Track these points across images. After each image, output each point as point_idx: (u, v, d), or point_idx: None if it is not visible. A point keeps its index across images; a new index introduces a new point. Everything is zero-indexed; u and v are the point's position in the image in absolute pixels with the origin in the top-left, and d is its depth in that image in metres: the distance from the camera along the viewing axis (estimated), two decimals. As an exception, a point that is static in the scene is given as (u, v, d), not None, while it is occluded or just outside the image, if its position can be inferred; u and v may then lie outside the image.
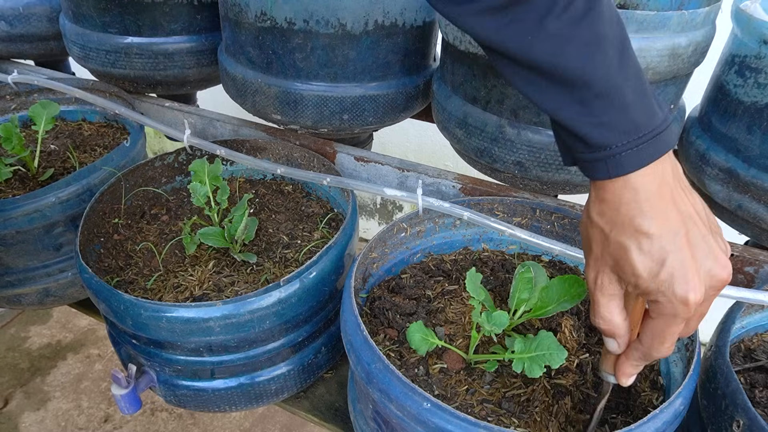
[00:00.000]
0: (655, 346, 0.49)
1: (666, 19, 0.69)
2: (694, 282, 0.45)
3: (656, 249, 0.45)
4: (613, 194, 0.47)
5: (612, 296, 0.49)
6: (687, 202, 0.47)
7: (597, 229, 0.48)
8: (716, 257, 0.46)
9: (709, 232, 0.47)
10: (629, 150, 0.45)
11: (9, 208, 0.88)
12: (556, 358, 0.59)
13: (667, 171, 0.47)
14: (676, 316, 0.46)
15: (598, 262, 0.49)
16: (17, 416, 1.79)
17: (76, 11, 1.12)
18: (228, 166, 1.08)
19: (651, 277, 0.45)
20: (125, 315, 0.70)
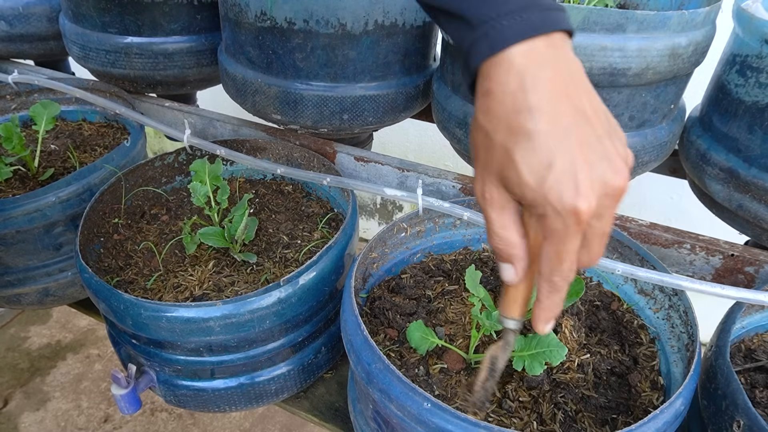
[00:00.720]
0: (555, 269, 0.42)
1: (666, 18, 0.69)
2: (584, 188, 0.39)
3: (542, 151, 0.40)
4: (497, 82, 0.41)
5: (503, 208, 0.43)
6: (583, 98, 0.42)
7: (482, 132, 0.43)
8: (611, 161, 0.41)
9: (606, 133, 0.42)
10: (511, 19, 0.41)
11: (9, 207, 0.87)
12: (557, 355, 0.59)
13: (561, 60, 0.42)
14: (567, 230, 0.40)
15: (485, 171, 0.43)
16: (17, 416, 1.79)
17: (76, 11, 1.12)
18: (228, 166, 1.08)
19: (538, 184, 0.40)
20: (125, 315, 0.70)
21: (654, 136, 0.82)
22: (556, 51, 0.42)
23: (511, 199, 0.43)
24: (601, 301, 0.79)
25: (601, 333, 0.74)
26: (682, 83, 0.82)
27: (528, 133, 0.40)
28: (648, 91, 0.77)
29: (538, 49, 0.41)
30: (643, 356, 0.71)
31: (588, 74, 0.73)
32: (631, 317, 0.77)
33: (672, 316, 0.72)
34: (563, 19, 0.42)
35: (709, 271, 0.82)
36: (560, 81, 0.41)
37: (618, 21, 0.69)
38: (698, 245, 0.80)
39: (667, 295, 0.73)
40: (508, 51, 0.41)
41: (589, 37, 0.70)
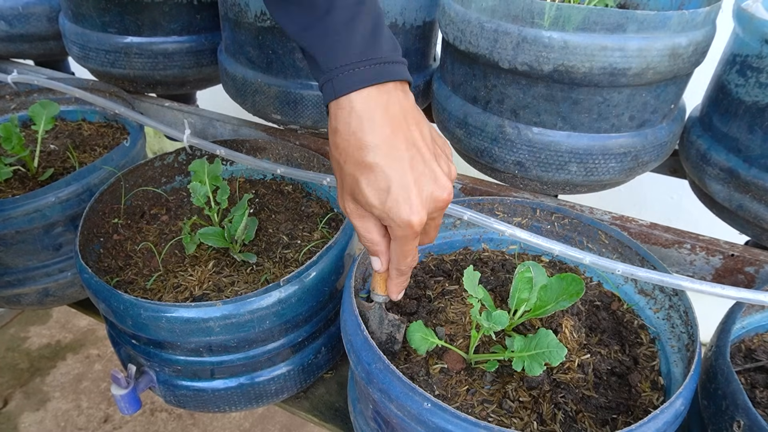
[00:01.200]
0: (401, 261, 0.56)
1: (666, 18, 0.69)
2: (416, 205, 0.50)
3: (381, 179, 0.50)
4: (342, 122, 0.51)
5: (363, 217, 0.54)
6: (413, 129, 0.52)
7: (335, 162, 0.53)
8: (436, 180, 0.52)
9: (432, 157, 0.52)
10: (351, 70, 0.50)
11: (9, 207, 0.87)
12: (556, 355, 0.59)
13: (393, 103, 0.51)
14: (406, 237, 0.52)
15: (343, 191, 0.54)
16: (17, 416, 1.79)
17: (76, 11, 1.12)
18: (228, 166, 1.08)
19: (380, 204, 0.51)
20: (125, 315, 0.70)
21: (654, 136, 0.82)
22: (388, 96, 0.51)
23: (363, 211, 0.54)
24: (602, 301, 0.79)
25: (602, 333, 0.74)
26: (682, 83, 0.82)
27: (369, 166, 0.50)
28: (648, 91, 0.77)
29: (373, 96, 0.51)
30: (644, 356, 0.71)
31: (588, 74, 0.74)
32: (631, 317, 0.76)
33: (672, 316, 0.72)
34: (397, 71, 0.52)
35: (710, 271, 0.82)
36: (392, 120, 0.51)
37: (618, 21, 0.69)
38: (698, 245, 0.80)
39: (668, 295, 0.73)
40: (347, 97, 0.50)
41: (590, 37, 0.70)
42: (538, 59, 0.73)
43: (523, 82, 0.78)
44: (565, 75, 0.73)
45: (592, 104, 0.77)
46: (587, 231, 0.82)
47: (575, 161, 0.81)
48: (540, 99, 0.78)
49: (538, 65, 0.74)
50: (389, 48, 0.53)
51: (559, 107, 0.78)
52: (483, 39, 0.77)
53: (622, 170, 0.83)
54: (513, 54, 0.75)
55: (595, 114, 0.78)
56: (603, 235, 0.81)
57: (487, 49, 0.77)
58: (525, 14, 0.72)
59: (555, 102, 0.77)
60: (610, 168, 0.82)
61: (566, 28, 0.70)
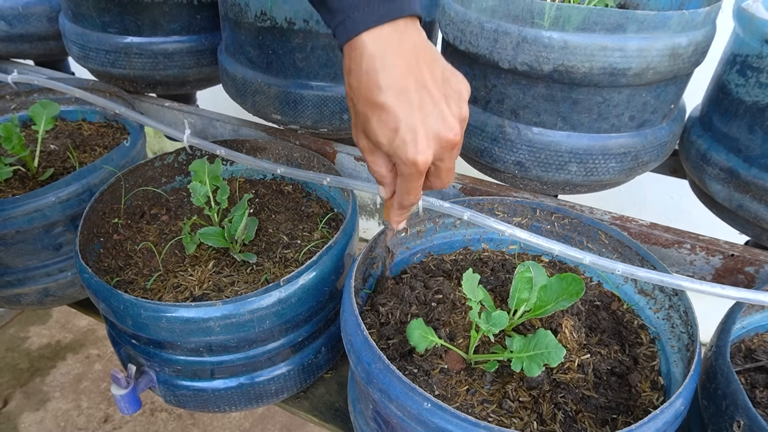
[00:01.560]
0: (404, 197, 0.58)
1: (666, 18, 0.69)
2: (422, 146, 0.52)
3: (391, 118, 0.52)
4: (356, 63, 0.52)
5: (373, 152, 0.56)
6: (425, 70, 0.53)
7: (349, 99, 0.55)
8: (444, 120, 0.53)
9: (442, 98, 0.53)
10: (362, 10, 0.51)
11: (9, 207, 0.87)
12: (555, 356, 0.59)
13: (406, 41, 0.52)
14: (411, 175, 0.54)
15: (356, 128, 0.56)
16: (17, 416, 1.79)
17: (76, 11, 1.12)
18: (228, 166, 1.08)
19: (389, 143, 0.53)
20: (125, 315, 0.70)
21: (654, 136, 0.82)
22: (400, 35, 0.52)
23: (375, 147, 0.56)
24: (601, 301, 0.79)
25: (601, 333, 0.74)
26: (682, 83, 0.82)
27: (380, 105, 0.52)
28: (648, 91, 0.77)
29: (385, 34, 0.51)
30: (643, 356, 0.71)
31: (588, 74, 0.74)
32: (631, 317, 0.76)
33: (672, 316, 0.72)
34: (407, 6, 0.52)
35: (710, 271, 0.82)
36: (404, 60, 0.52)
37: (618, 21, 0.69)
38: (698, 245, 0.80)
39: (668, 295, 0.73)
40: (360, 37, 0.51)
41: (590, 37, 0.70)
42: (538, 59, 0.73)
43: (523, 82, 0.78)
44: (565, 75, 0.73)
45: (592, 104, 0.77)
46: (587, 231, 0.82)
47: (575, 161, 0.81)
48: (540, 99, 0.78)
49: (538, 65, 0.74)
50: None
51: (559, 107, 0.78)
52: (483, 39, 0.77)
53: (622, 170, 0.83)
54: (513, 54, 0.75)
55: (595, 114, 0.78)
56: (603, 235, 0.81)
57: (487, 49, 0.77)
58: (525, 14, 0.72)
59: (555, 102, 0.77)
60: (610, 168, 0.82)
61: (566, 28, 0.70)
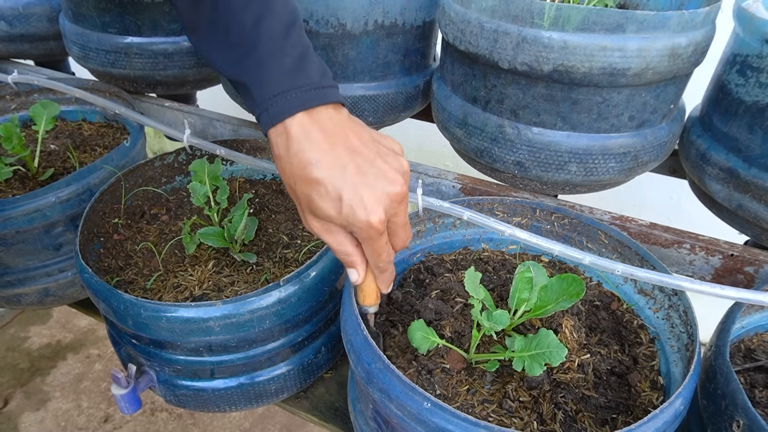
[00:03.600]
0: (377, 262, 0.58)
1: (666, 19, 0.69)
2: (371, 205, 0.52)
3: (331, 189, 0.52)
4: (283, 148, 0.53)
5: (330, 231, 0.56)
6: (351, 137, 0.54)
7: (288, 187, 0.56)
8: (385, 176, 0.53)
9: (377, 156, 0.54)
10: (284, 98, 0.53)
11: (9, 207, 0.87)
12: (556, 355, 0.59)
13: (325, 120, 0.54)
14: (372, 236, 0.54)
15: (303, 211, 0.56)
16: (17, 416, 1.79)
17: (76, 11, 1.12)
18: (228, 166, 1.08)
19: (338, 213, 0.53)
20: (125, 315, 0.70)
21: (654, 136, 0.82)
22: (320, 116, 0.54)
23: (328, 224, 0.55)
24: (601, 301, 0.79)
25: (601, 333, 0.74)
26: (681, 83, 0.82)
27: (317, 181, 0.52)
28: (648, 91, 0.77)
29: (305, 119, 0.53)
30: (643, 356, 0.71)
31: (588, 74, 0.74)
32: (630, 317, 0.77)
33: (672, 316, 0.72)
34: (327, 94, 0.55)
35: (709, 271, 0.82)
36: (328, 134, 0.53)
37: (618, 21, 0.69)
38: (698, 245, 0.80)
39: (667, 295, 0.73)
40: (283, 123, 0.53)
41: (589, 37, 0.70)
42: (538, 59, 0.73)
43: (523, 82, 0.78)
44: (564, 75, 0.73)
45: (591, 104, 0.77)
46: (587, 231, 0.82)
47: (575, 161, 0.81)
48: (540, 99, 0.78)
49: (538, 65, 0.74)
50: (318, 74, 0.56)
51: (559, 107, 0.78)
52: (483, 39, 0.77)
53: (621, 170, 0.83)
54: (513, 54, 0.75)
55: (595, 114, 0.78)
56: (603, 235, 0.81)
57: (486, 49, 0.77)
58: (525, 14, 0.72)
59: (555, 102, 0.77)
60: (610, 168, 0.82)
61: (566, 28, 0.70)
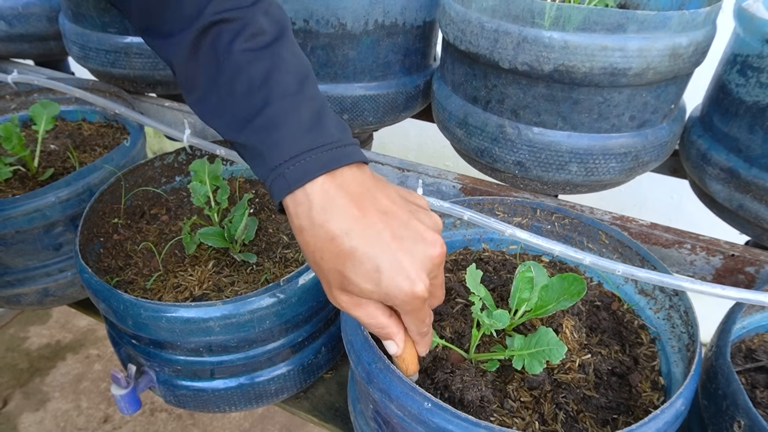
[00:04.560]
0: (419, 328, 0.51)
1: (667, 18, 0.69)
2: (413, 274, 0.46)
3: (366, 261, 0.45)
4: (305, 218, 0.47)
5: (361, 305, 0.49)
6: (380, 197, 0.48)
7: (311, 261, 0.49)
8: (424, 239, 0.48)
9: (410, 216, 0.48)
10: (303, 161, 0.46)
11: (9, 207, 0.87)
12: (556, 353, 0.58)
13: (350, 181, 0.47)
14: (416, 307, 0.47)
15: (330, 287, 0.49)
16: (16, 417, 1.79)
17: (76, 11, 1.12)
18: (228, 166, 1.08)
19: (377, 287, 0.46)
20: (125, 315, 0.70)
21: (654, 136, 0.82)
22: (344, 178, 0.47)
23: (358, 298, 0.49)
24: (602, 301, 0.79)
25: (602, 333, 0.74)
26: (682, 83, 0.82)
27: (349, 253, 0.45)
28: (648, 91, 0.77)
29: (328, 182, 0.47)
30: (644, 356, 0.71)
31: (588, 74, 0.74)
32: (631, 317, 0.76)
33: (672, 317, 0.72)
34: (350, 153, 0.49)
35: (710, 272, 0.82)
36: (355, 198, 0.47)
37: (618, 21, 0.69)
38: (699, 245, 0.80)
39: (668, 296, 0.73)
40: (303, 189, 0.46)
41: (590, 37, 0.70)
42: (539, 59, 0.73)
43: (524, 82, 0.78)
44: (565, 75, 0.73)
45: (592, 104, 0.77)
46: (587, 231, 0.82)
47: (575, 161, 0.81)
48: (540, 99, 0.78)
49: (539, 65, 0.74)
50: (338, 130, 0.50)
51: (560, 107, 0.78)
52: (483, 39, 0.77)
53: (622, 170, 0.83)
54: (513, 54, 0.75)
55: (596, 114, 0.78)
56: (603, 235, 0.81)
57: (487, 49, 0.77)
58: (525, 14, 0.72)
59: (555, 102, 0.77)
60: (611, 168, 0.82)
61: (566, 28, 0.70)
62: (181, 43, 0.50)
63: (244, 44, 0.49)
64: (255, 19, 0.50)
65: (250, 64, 0.49)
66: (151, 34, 0.53)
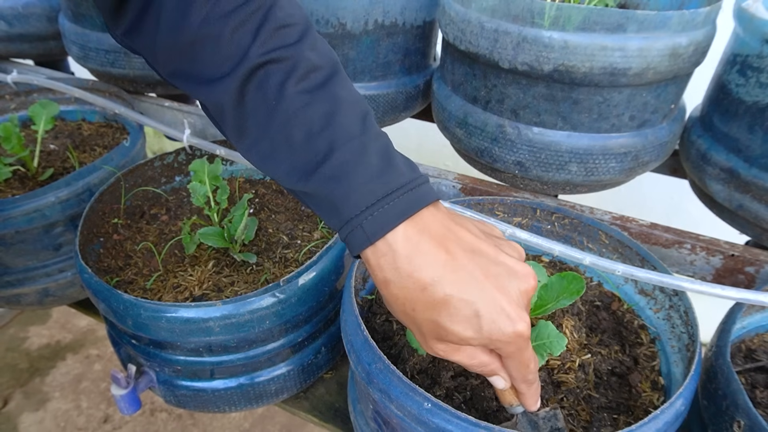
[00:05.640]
0: (525, 374, 0.48)
1: (667, 18, 0.69)
2: (514, 313, 0.43)
3: (464, 307, 0.43)
4: (390, 270, 0.44)
5: (460, 350, 0.46)
6: (464, 235, 0.45)
7: (401, 314, 0.46)
8: (516, 273, 0.45)
9: (496, 250, 0.46)
10: (381, 209, 0.43)
11: (8, 207, 0.87)
12: (557, 345, 0.58)
13: (431, 223, 0.45)
14: (520, 347, 0.45)
15: (426, 339, 0.46)
16: (16, 417, 1.79)
17: (76, 11, 1.12)
18: (228, 166, 1.08)
19: (477, 332, 0.43)
20: (125, 315, 0.70)
21: (654, 136, 0.82)
22: (424, 221, 0.44)
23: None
24: (602, 301, 0.79)
25: (602, 333, 0.74)
26: (682, 83, 0.82)
27: (444, 301, 0.43)
28: (648, 91, 0.77)
29: (411, 230, 0.44)
30: (644, 356, 0.71)
31: (588, 74, 0.74)
32: (631, 317, 0.76)
33: (672, 317, 0.72)
34: (426, 192, 0.45)
35: (710, 271, 0.82)
36: (440, 242, 0.44)
37: (618, 21, 0.69)
38: (699, 245, 0.80)
39: (668, 296, 0.73)
40: (384, 240, 0.43)
41: (590, 37, 0.70)
42: (539, 59, 0.73)
43: (524, 82, 0.78)
44: (565, 75, 0.73)
45: (592, 104, 0.77)
46: (587, 231, 0.82)
47: (575, 161, 0.81)
48: (540, 99, 0.78)
49: (539, 65, 0.74)
50: (408, 169, 0.46)
51: (560, 107, 0.78)
52: (483, 39, 0.77)
53: (622, 170, 0.83)
54: (513, 54, 0.75)
55: (596, 114, 0.78)
56: (603, 235, 0.81)
57: (487, 49, 0.77)
58: (525, 14, 0.72)
59: (555, 102, 0.77)
60: (611, 168, 0.82)
61: (566, 28, 0.70)
62: (225, 89, 0.45)
63: (297, 85, 0.44)
64: (304, 56, 0.45)
65: (308, 106, 0.44)
66: (184, 79, 0.47)
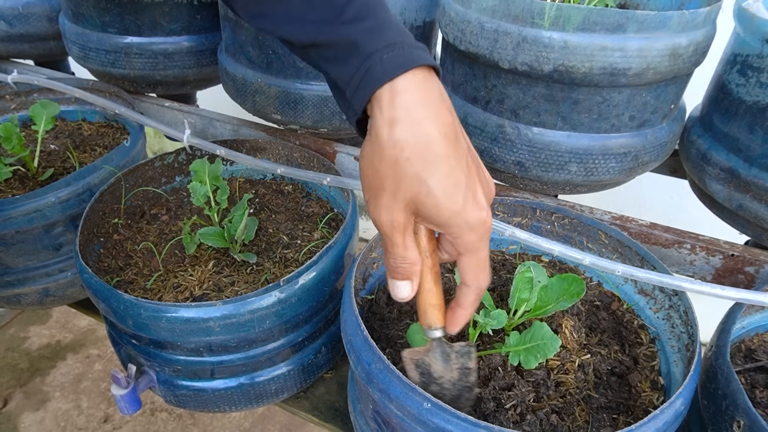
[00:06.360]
0: (479, 276, 0.47)
1: (667, 19, 0.69)
2: (484, 203, 0.44)
3: (457, 175, 0.42)
4: (401, 110, 0.42)
5: (406, 230, 0.45)
6: (454, 120, 0.45)
7: (389, 161, 0.43)
8: (484, 171, 0.47)
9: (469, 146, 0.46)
10: (400, 49, 0.43)
11: (9, 207, 0.87)
12: (550, 347, 0.59)
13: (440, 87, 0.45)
14: (481, 240, 0.44)
15: (393, 199, 0.44)
16: (16, 416, 1.79)
17: (76, 11, 1.12)
18: (228, 166, 1.08)
19: (453, 205, 0.42)
20: (125, 315, 0.70)
21: (654, 136, 0.82)
22: (436, 81, 0.44)
23: (412, 221, 0.45)
24: (601, 301, 0.79)
25: (602, 333, 0.74)
26: (682, 83, 0.82)
27: (443, 159, 0.42)
28: (648, 91, 0.77)
29: (420, 79, 0.43)
30: (644, 356, 0.71)
31: (588, 74, 0.74)
32: (631, 317, 0.76)
33: (672, 316, 0.72)
34: (428, 55, 0.45)
35: (710, 271, 0.82)
36: (448, 107, 0.44)
37: (618, 21, 0.69)
38: (698, 245, 0.80)
39: (668, 295, 0.73)
40: (404, 76, 0.42)
41: (590, 37, 0.70)
42: (538, 59, 0.73)
43: (523, 82, 0.78)
44: (565, 75, 0.73)
45: (592, 104, 0.77)
46: (587, 231, 0.82)
47: (575, 161, 0.81)
48: (540, 99, 0.78)
49: (538, 65, 0.74)
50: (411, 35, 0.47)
51: (559, 107, 0.78)
52: (483, 39, 0.77)
53: (622, 170, 0.83)
54: (513, 54, 0.75)
55: (595, 114, 0.78)
56: (603, 235, 0.81)
57: (487, 49, 0.77)
58: (525, 14, 0.72)
59: (555, 102, 0.77)
60: (610, 168, 0.82)
61: (566, 28, 0.70)
62: None
63: None
64: None
65: None
66: None
